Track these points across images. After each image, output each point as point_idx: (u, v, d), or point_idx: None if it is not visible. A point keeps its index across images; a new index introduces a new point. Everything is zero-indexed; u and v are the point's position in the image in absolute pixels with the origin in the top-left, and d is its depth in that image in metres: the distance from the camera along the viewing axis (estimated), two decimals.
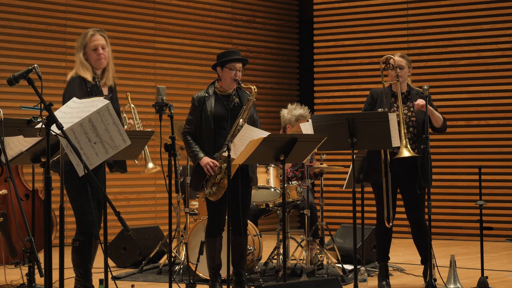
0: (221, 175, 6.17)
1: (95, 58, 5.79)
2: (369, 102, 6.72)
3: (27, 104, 8.09)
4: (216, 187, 6.19)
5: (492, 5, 10.72)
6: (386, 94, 6.64)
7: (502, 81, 10.62)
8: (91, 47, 5.79)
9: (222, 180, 6.17)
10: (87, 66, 5.77)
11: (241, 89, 6.32)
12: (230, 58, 6.22)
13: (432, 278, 6.19)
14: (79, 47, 5.84)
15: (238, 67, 6.23)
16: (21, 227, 6.62)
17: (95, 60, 5.79)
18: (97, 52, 5.79)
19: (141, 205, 10.96)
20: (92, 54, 5.79)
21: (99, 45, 5.80)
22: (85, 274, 5.72)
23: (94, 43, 5.80)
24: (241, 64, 6.26)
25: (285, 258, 6.04)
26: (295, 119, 7.66)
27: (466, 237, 10.62)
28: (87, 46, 5.80)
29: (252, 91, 6.19)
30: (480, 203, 6.49)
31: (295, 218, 12.18)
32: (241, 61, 6.26)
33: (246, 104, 6.21)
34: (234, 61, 6.21)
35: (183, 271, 7.23)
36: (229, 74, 6.22)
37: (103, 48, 5.82)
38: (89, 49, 5.79)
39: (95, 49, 5.79)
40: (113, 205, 4.23)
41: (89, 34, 5.83)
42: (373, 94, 6.75)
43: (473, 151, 10.77)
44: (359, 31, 11.46)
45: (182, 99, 10.95)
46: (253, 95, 6.20)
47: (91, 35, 5.82)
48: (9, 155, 4.87)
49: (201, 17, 11.70)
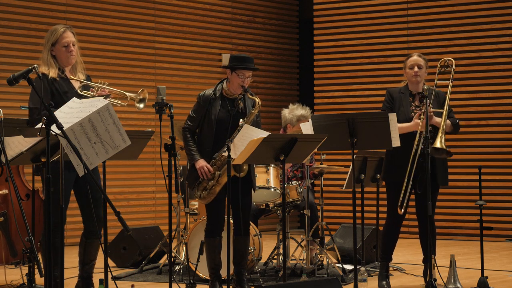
0: (213, 182, 6.18)
1: (65, 55, 5.78)
2: (388, 100, 6.69)
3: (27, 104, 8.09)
4: (206, 192, 6.20)
5: (492, 5, 10.72)
6: (404, 94, 6.63)
7: (502, 81, 10.62)
8: (62, 43, 5.78)
9: (213, 187, 6.18)
10: (52, 64, 5.76)
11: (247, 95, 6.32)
12: (241, 65, 6.22)
13: (432, 278, 6.18)
14: (48, 43, 5.82)
15: (247, 74, 6.24)
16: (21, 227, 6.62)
17: (65, 57, 5.78)
18: (68, 49, 5.79)
19: (141, 205, 10.96)
20: (62, 50, 5.78)
21: (70, 42, 5.80)
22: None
23: (66, 39, 5.79)
24: (251, 72, 6.27)
25: (285, 258, 6.04)
26: (296, 119, 7.65)
27: (466, 237, 10.62)
28: (58, 42, 5.78)
29: (256, 105, 6.19)
30: (480, 203, 6.49)
31: (295, 218, 12.18)
32: (252, 69, 6.26)
33: (248, 116, 6.21)
34: (244, 69, 6.21)
35: (183, 271, 7.22)
36: (237, 80, 6.22)
37: (73, 45, 5.82)
38: (60, 45, 5.79)
39: (66, 46, 5.78)
40: (113, 205, 4.24)
41: (60, 31, 5.81)
42: (392, 94, 6.71)
43: (473, 151, 10.77)
44: (359, 31, 11.46)
45: (182, 99, 10.95)
46: (256, 108, 6.21)
47: (62, 31, 5.81)
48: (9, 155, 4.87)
49: (201, 17, 11.70)
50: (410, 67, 6.66)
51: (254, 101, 6.21)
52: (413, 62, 6.66)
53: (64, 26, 5.84)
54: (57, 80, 5.72)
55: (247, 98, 6.28)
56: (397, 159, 6.57)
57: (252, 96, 6.20)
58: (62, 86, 5.73)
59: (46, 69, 5.74)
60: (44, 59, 5.78)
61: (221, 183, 6.15)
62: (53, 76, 5.71)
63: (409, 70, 6.66)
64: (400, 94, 6.65)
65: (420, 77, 6.64)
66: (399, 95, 6.65)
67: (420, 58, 6.67)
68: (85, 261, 5.90)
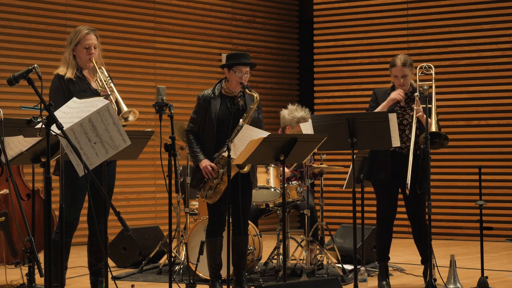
0: (217, 180, 6.18)
1: (85, 57, 5.79)
2: (373, 100, 6.69)
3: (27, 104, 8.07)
4: (212, 191, 6.20)
5: (492, 5, 10.72)
6: (389, 94, 6.60)
7: (502, 81, 10.61)
8: (84, 45, 5.80)
9: (218, 185, 6.18)
10: (72, 63, 5.77)
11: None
12: (237, 61, 6.21)
13: (432, 278, 6.19)
14: (71, 42, 5.84)
15: (244, 70, 6.22)
16: (22, 227, 6.63)
17: (85, 59, 5.79)
18: (89, 51, 5.80)
19: (141, 205, 10.96)
20: (83, 52, 5.80)
21: (92, 45, 5.81)
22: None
23: (88, 41, 5.81)
24: (248, 68, 6.25)
25: (285, 258, 6.04)
26: (296, 121, 7.63)
27: (466, 237, 10.62)
28: (80, 43, 5.80)
29: (255, 99, 6.19)
30: (480, 203, 6.49)
31: (295, 218, 12.18)
32: (248, 65, 6.25)
33: (247, 112, 6.21)
34: (241, 65, 6.20)
35: (183, 271, 7.23)
36: (235, 77, 6.21)
37: (95, 48, 5.83)
38: (81, 46, 5.80)
39: (87, 48, 5.79)
40: (113, 205, 4.23)
41: (84, 32, 5.83)
42: (377, 94, 6.71)
43: (473, 151, 10.76)
44: (359, 31, 11.46)
45: (182, 99, 10.95)
46: (255, 103, 6.20)
47: (86, 33, 5.82)
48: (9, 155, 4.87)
49: (201, 17, 11.70)
50: (395, 76, 6.61)
51: (253, 96, 6.21)
52: (397, 73, 6.57)
53: (88, 28, 5.87)
54: (73, 81, 5.74)
55: (246, 95, 6.28)
56: (379, 160, 6.58)
57: (250, 92, 6.20)
58: (78, 86, 5.74)
59: (64, 69, 5.76)
60: (65, 58, 5.82)
61: (226, 181, 6.15)
62: (69, 77, 5.73)
63: (395, 78, 6.61)
64: (386, 95, 6.62)
65: (406, 85, 6.60)
66: (385, 96, 6.62)
67: (404, 68, 6.54)
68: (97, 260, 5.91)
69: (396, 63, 6.56)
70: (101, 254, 5.83)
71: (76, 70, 5.78)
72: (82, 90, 5.71)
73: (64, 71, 5.76)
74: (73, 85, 5.73)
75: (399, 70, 6.56)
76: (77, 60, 5.81)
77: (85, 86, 5.77)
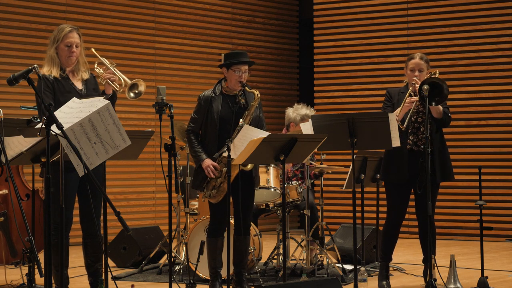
0: (221, 179, 6.18)
1: (66, 55, 5.78)
2: (388, 100, 6.70)
3: (27, 104, 8.10)
4: (216, 190, 6.20)
5: (492, 5, 10.72)
6: (403, 93, 6.62)
7: (502, 81, 10.61)
8: (66, 43, 5.78)
9: (222, 184, 6.18)
10: (56, 61, 5.76)
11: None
12: (235, 60, 6.21)
13: (432, 278, 6.18)
14: (53, 41, 5.82)
15: (243, 69, 6.22)
16: (22, 227, 6.63)
17: (66, 57, 5.78)
18: (70, 49, 5.79)
19: (141, 205, 10.96)
20: (64, 50, 5.78)
21: (74, 43, 5.80)
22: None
23: (69, 39, 5.79)
24: (247, 66, 6.25)
25: (285, 258, 6.04)
26: (300, 118, 7.67)
27: (466, 237, 10.62)
28: (62, 41, 5.79)
29: (255, 97, 6.19)
30: (480, 203, 6.49)
31: (295, 218, 12.18)
32: (247, 63, 6.24)
33: (248, 109, 6.21)
34: (239, 64, 6.20)
35: (183, 271, 7.23)
36: (234, 76, 6.21)
37: (76, 47, 5.82)
38: (63, 44, 5.78)
39: (68, 46, 5.78)
40: (113, 205, 4.23)
41: (66, 30, 5.81)
42: (391, 93, 6.72)
43: (473, 151, 10.76)
44: (359, 31, 11.46)
45: (182, 99, 10.95)
46: (256, 100, 6.20)
47: (68, 31, 5.81)
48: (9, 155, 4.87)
49: (201, 17, 11.70)
50: (411, 69, 6.65)
51: (253, 94, 6.21)
52: (414, 65, 6.64)
53: (71, 27, 5.85)
54: (58, 80, 5.72)
55: (247, 93, 6.28)
56: (395, 160, 6.57)
57: (250, 89, 6.20)
58: (63, 87, 5.73)
59: (48, 69, 5.74)
60: (50, 56, 5.78)
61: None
62: (55, 76, 5.71)
63: (410, 72, 6.65)
64: (400, 94, 6.65)
65: (421, 81, 6.61)
66: (399, 95, 6.64)
67: (421, 61, 6.63)
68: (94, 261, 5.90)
69: (415, 56, 6.69)
70: (98, 255, 5.82)
71: (59, 69, 5.77)
72: (67, 91, 5.70)
73: (49, 70, 5.74)
74: (58, 84, 5.71)
75: (417, 64, 6.62)
76: (59, 58, 5.80)
77: (69, 87, 5.75)
